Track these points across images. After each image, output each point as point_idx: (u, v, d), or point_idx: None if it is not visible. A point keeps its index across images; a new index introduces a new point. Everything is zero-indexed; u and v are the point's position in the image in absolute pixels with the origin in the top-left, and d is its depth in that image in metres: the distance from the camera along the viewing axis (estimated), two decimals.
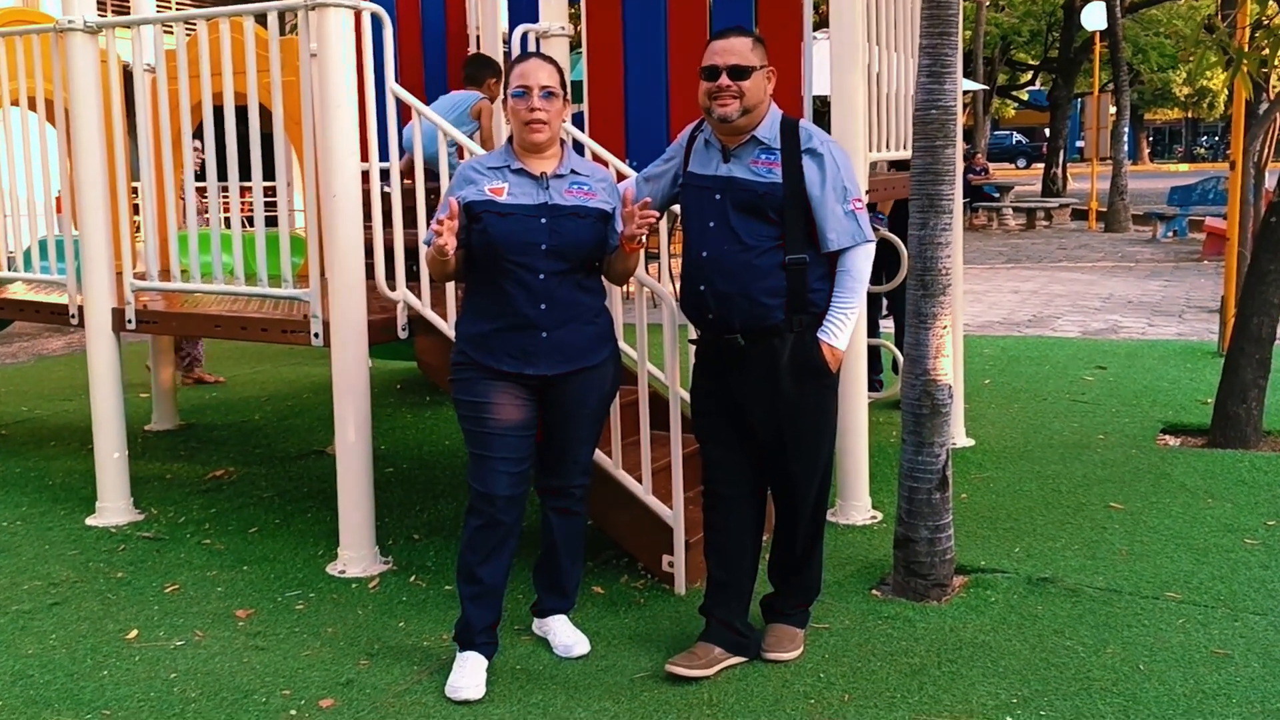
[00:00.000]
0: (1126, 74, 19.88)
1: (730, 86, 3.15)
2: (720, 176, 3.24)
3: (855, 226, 3.22)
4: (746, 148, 3.23)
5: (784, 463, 3.32)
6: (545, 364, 3.22)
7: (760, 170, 3.19)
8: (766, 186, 3.17)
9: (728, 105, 3.16)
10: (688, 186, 3.33)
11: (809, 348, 3.23)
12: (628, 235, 3.16)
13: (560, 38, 5.03)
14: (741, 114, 3.17)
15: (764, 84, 3.21)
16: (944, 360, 3.81)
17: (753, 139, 3.22)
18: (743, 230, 3.18)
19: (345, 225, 3.99)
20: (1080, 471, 5.22)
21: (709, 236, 3.23)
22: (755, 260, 3.17)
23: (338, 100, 3.92)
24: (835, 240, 3.20)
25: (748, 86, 3.16)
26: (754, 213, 3.18)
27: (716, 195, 3.23)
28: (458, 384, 3.28)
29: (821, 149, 3.20)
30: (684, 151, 3.40)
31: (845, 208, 3.20)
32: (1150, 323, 9.55)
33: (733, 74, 3.15)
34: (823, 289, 3.25)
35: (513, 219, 3.17)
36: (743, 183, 3.20)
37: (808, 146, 3.20)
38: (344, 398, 4.09)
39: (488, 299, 3.23)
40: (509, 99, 3.21)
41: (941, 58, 3.69)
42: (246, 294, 4.40)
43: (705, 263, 3.23)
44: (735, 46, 3.18)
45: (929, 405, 3.80)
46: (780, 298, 3.19)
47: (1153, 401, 6.56)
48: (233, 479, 5.47)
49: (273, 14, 4.09)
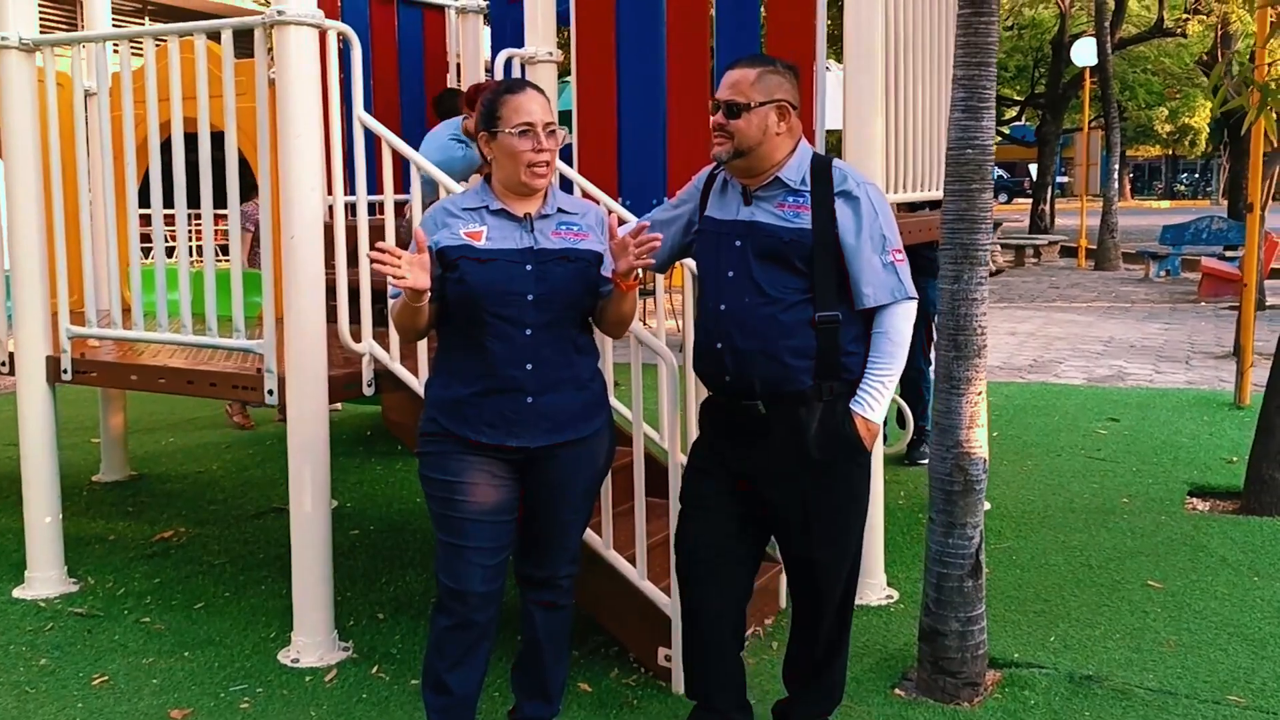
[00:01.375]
0: (1117, 111, 19.68)
1: (724, 125, 2.78)
2: (741, 221, 2.83)
3: (895, 281, 2.80)
4: (770, 190, 2.82)
5: (807, 548, 2.89)
6: (530, 434, 2.77)
7: (786, 215, 2.79)
8: (793, 233, 2.77)
9: (719, 145, 2.80)
10: (704, 232, 2.93)
11: (840, 419, 2.81)
12: (623, 270, 2.72)
13: (548, 63, 4.61)
14: (733, 156, 2.79)
15: (765, 123, 2.78)
16: (978, 431, 3.38)
17: (776, 180, 2.82)
18: (766, 281, 2.77)
19: (305, 269, 3.54)
20: (1109, 542, 4.79)
21: (728, 287, 2.82)
22: (780, 315, 2.76)
23: (298, 129, 3.48)
24: (872, 296, 2.78)
25: (740, 126, 2.77)
26: (779, 261, 2.77)
27: (737, 242, 2.82)
28: (427, 459, 2.83)
29: (858, 192, 2.79)
30: (700, 194, 2.99)
31: (884, 259, 2.79)
32: (1157, 369, 9.17)
33: (728, 111, 2.78)
34: (857, 352, 2.83)
35: (494, 266, 2.73)
36: (766, 228, 2.79)
37: (842, 189, 2.79)
38: (301, 464, 3.62)
39: (464, 358, 2.78)
40: (501, 136, 2.77)
41: (979, 91, 3.28)
42: (192, 344, 3.92)
43: (723, 316, 2.81)
44: (736, 78, 2.80)
45: (962, 481, 3.37)
46: (808, 359, 2.77)
47: (1174, 459, 6.15)
48: (182, 541, 4.97)
49: (227, 32, 3.65)
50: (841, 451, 2.82)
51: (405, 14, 5.85)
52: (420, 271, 2.60)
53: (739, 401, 2.83)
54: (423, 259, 2.62)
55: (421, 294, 2.63)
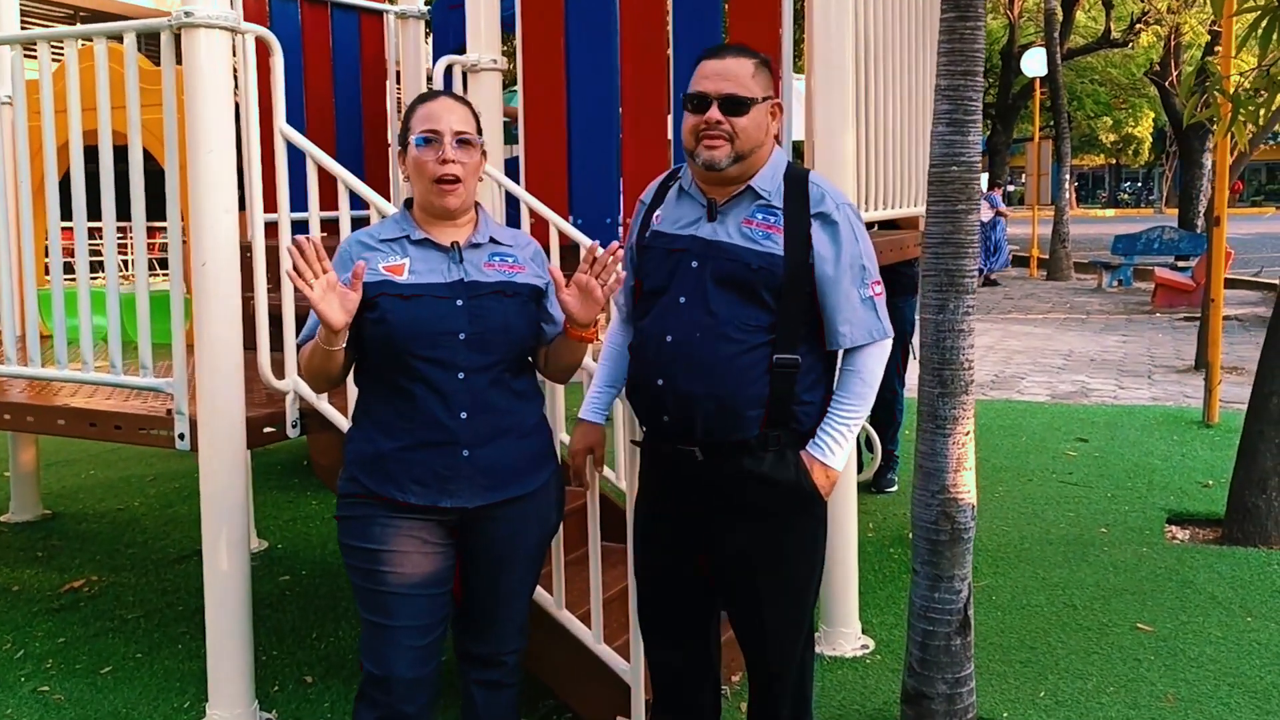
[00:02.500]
0: (1067, 121, 19.69)
1: (723, 123, 2.40)
2: (701, 238, 2.46)
3: (874, 319, 2.49)
4: (739, 202, 2.47)
5: (757, 616, 2.56)
6: (467, 493, 2.42)
7: (755, 235, 2.43)
8: (762, 259, 2.41)
9: (717, 147, 2.41)
10: (652, 249, 2.54)
11: (790, 469, 2.47)
12: (586, 318, 2.39)
13: (491, 72, 4.27)
14: (734, 160, 2.42)
15: (766, 121, 2.46)
16: (966, 474, 3.08)
17: (749, 190, 2.47)
18: (724, 314, 2.41)
19: (218, 299, 3.16)
20: (1091, 578, 4.53)
21: (677, 316, 2.45)
22: (738, 356, 2.41)
23: (209, 144, 3.10)
24: (849, 336, 2.47)
25: (745, 125, 2.41)
26: (742, 291, 2.42)
27: (693, 262, 2.45)
28: (346, 524, 2.47)
29: (837, 215, 2.46)
30: (646, 208, 2.64)
31: (863, 293, 2.47)
32: (1120, 384, 9.00)
33: (727, 106, 2.40)
34: (812, 401, 2.49)
35: (419, 303, 2.38)
36: (731, 250, 2.43)
37: (819, 210, 2.45)
38: (215, 517, 3.23)
39: (387, 407, 2.43)
40: (409, 148, 2.44)
41: (964, 102, 2.98)
42: (90, 381, 3.52)
43: (669, 350, 2.44)
44: (732, 69, 2.42)
45: (949, 530, 3.07)
46: (760, 408, 2.43)
47: (1148, 483, 5.92)
48: (93, 592, 4.55)
49: (130, 35, 3.27)
50: (793, 505, 2.50)
51: (340, 19, 5.46)
52: (335, 300, 2.24)
53: (674, 445, 2.50)
54: (345, 292, 2.26)
55: (337, 333, 2.28)
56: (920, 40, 4.51)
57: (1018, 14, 22.06)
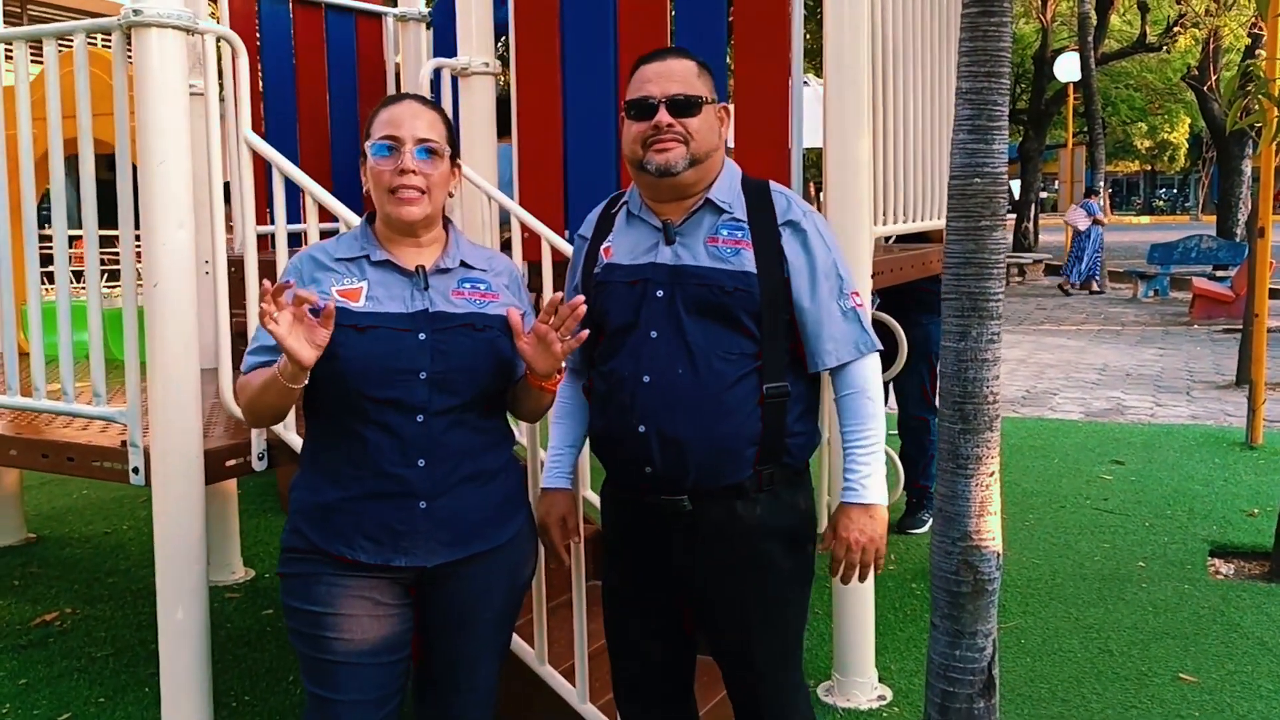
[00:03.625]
0: (1101, 126, 19.25)
1: (674, 125, 2.16)
2: (663, 265, 2.21)
3: (859, 330, 2.27)
4: (699, 220, 2.22)
5: (752, 671, 2.31)
6: (424, 549, 2.15)
7: (723, 253, 2.19)
8: (736, 279, 2.17)
9: (669, 149, 2.17)
10: (609, 284, 2.27)
11: (785, 511, 2.25)
12: (545, 369, 2.12)
13: (484, 75, 4.00)
14: (689, 165, 2.19)
15: (717, 125, 2.24)
16: (990, 519, 2.77)
17: (708, 204, 2.22)
18: (705, 345, 2.16)
19: (173, 323, 2.91)
20: (1129, 619, 4.19)
21: (651, 353, 2.18)
22: (727, 391, 2.16)
23: (160, 152, 2.85)
24: (834, 353, 2.23)
25: (698, 126, 2.18)
26: (720, 317, 2.17)
27: (659, 292, 2.20)
28: (289, 583, 2.20)
29: (805, 223, 2.24)
30: (589, 242, 2.37)
31: (844, 305, 2.25)
32: (1157, 401, 8.62)
33: (675, 108, 2.17)
34: (803, 432, 2.27)
35: (376, 335, 2.11)
36: (699, 274, 2.18)
37: (788, 218, 2.23)
38: (169, 560, 2.98)
39: (336, 453, 2.16)
40: (367, 156, 2.18)
41: (988, 107, 2.68)
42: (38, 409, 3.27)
43: (647, 392, 2.18)
44: (675, 70, 2.20)
45: (971, 581, 2.75)
46: (754, 445, 2.19)
47: (1189, 511, 5.57)
48: (65, 626, 4.31)
49: (79, 36, 3.02)
50: (785, 546, 2.27)
51: (335, 22, 5.23)
52: (302, 334, 1.97)
53: (657, 496, 2.22)
54: (312, 325, 1.98)
55: (304, 370, 2.00)
56: (943, 40, 4.20)
57: (1050, 18, 21.62)
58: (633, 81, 2.24)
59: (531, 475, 2.94)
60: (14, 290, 3.41)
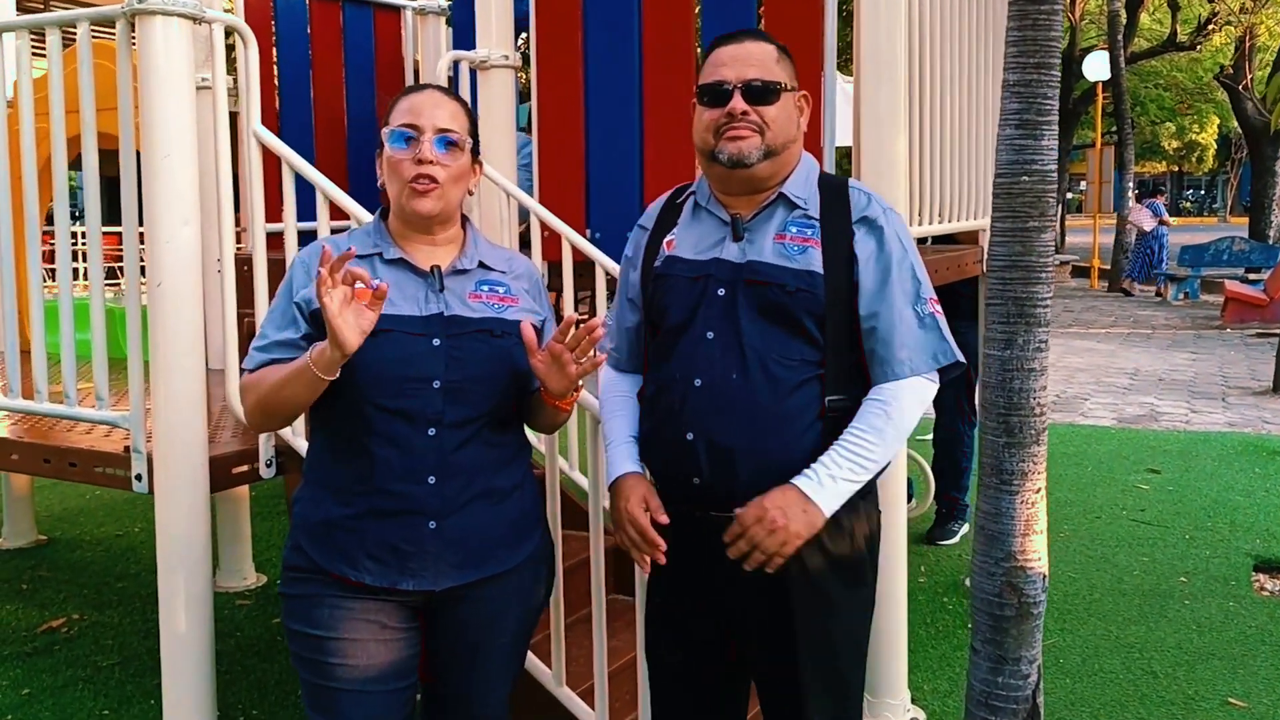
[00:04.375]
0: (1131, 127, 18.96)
1: (749, 113, 2.01)
2: (727, 261, 2.06)
3: (938, 339, 2.07)
4: (770, 214, 2.07)
5: (797, 706, 2.12)
6: (432, 572, 2.01)
7: (789, 251, 2.03)
8: (800, 279, 2.00)
9: (744, 138, 2.02)
10: (670, 278, 2.12)
11: (846, 537, 2.08)
12: (560, 389, 1.97)
13: (503, 69, 3.87)
14: (763, 156, 2.03)
15: (795, 115, 2.09)
16: (1036, 539, 2.61)
17: (781, 199, 2.07)
18: (763, 349, 2.00)
19: (177, 324, 2.78)
20: (1172, 638, 4.02)
21: (706, 355, 2.03)
22: (784, 400, 2.00)
23: (165, 146, 2.72)
24: (908, 363, 2.03)
25: (775, 115, 2.03)
26: (782, 320, 2.01)
27: (720, 290, 2.04)
28: (290, 605, 2.07)
29: (883, 220, 2.06)
30: (649, 233, 2.22)
31: (920, 311, 2.05)
32: (1192, 407, 8.40)
33: (751, 94, 2.02)
34: None
35: (387, 340, 1.97)
36: (764, 270, 2.02)
37: (863, 215, 2.05)
38: (171, 570, 2.86)
39: (341, 467, 2.03)
40: (385, 147, 2.04)
41: (1037, 100, 2.52)
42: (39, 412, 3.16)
43: (698, 396, 2.03)
44: (754, 54, 2.04)
45: (1015, 604, 2.60)
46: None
47: (1230, 524, 5.38)
48: (72, 633, 4.20)
49: (83, 25, 2.90)
50: (843, 577, 2.09)
51: (352, 14, 5.10)
52: (351, 317, 1.82)
53: (705, 511, 2.06)
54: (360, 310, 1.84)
55: (344, 358, 1.85)
56: (983, 33, 4.04)
57: (1079, 16, 21.33)
58: (706, 65, 2.09)
59: (550, 488, 2.80)
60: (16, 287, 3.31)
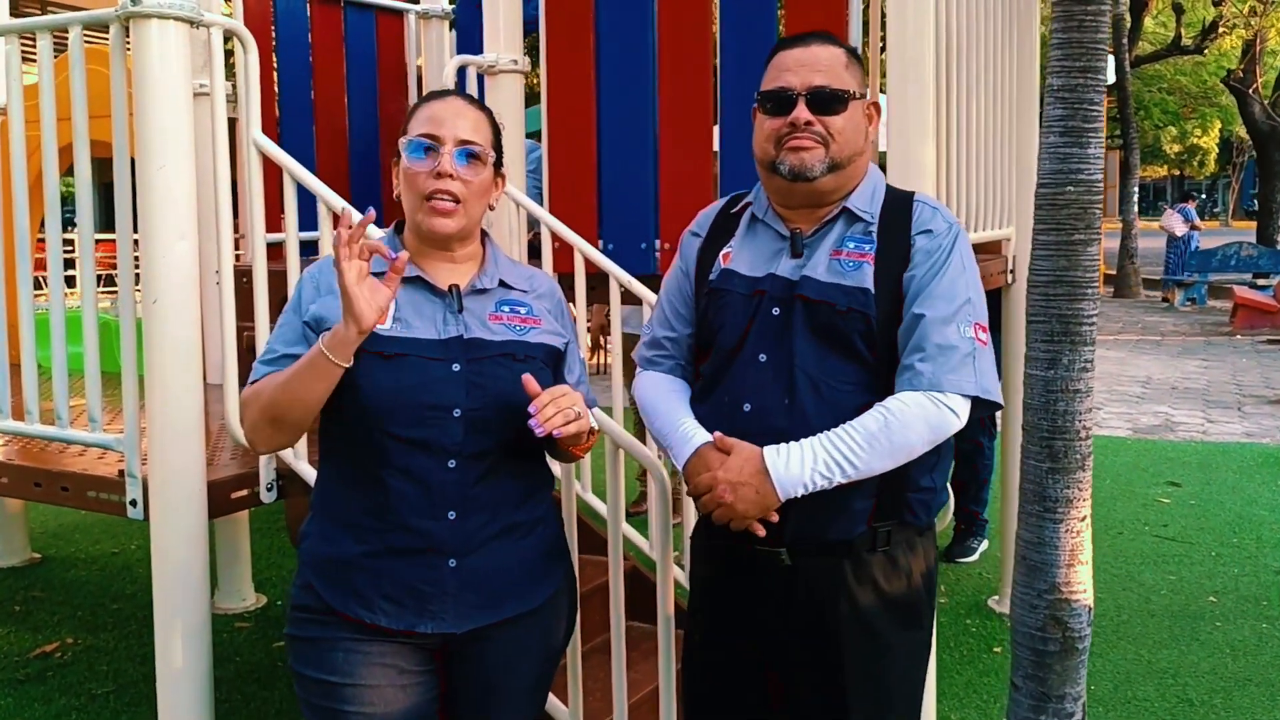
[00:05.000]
0: (1135, 131, 18.83)
1: (814, 123, 1.88)
2: (783, 278, 1.93)
3: (971, 369, 1.86)
4: (829, 229, 1.94)
5: None
6: (453, 613, 1.87)
7: (845, 267, 1.89)
8: (851, 295, 1.87)
9: (808, 149, 1.89)
10: (725, 293, 1.99)
11: (903, 578, 1.95)
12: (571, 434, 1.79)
13: (511, 74, 3.73)
14: (828, 170, 1.90)
15: (863, 125, 1.95)
16: (1081, 569, 2.47)
17: (845, 213, 1.94)
18: (817, 372, 1.87)
19: (173, 342, 2.64)
20: (1205, 662, 3.88)
21: (756, 378, 1.91)
22: (838, 425, 1.86)
23: (160, 156, 2.58)
24: (928, 378, 1.83)
25: (842, 125, 1.90)
26: (834, 342, 1.88)
27: (775, 309, 1.91)
28: (298, 647, 1.93)
29: (945, 235, 1.92)
30: (703, 241, 2.09)
31: (962, 330, 1.86)
32: (1208, 417, 8.26)
33: (816, 102, 1.89)
34: (931, 488, 1.96)
35: (403, 365, 1.83)
36: (818, 287, 1.89)
37: (925, 228, 1.91)
38: (168, 601, 2.72)
39: (354, 501, 1.88)
40: (402, 157, 1.91)
41: (1084, 107, 2.38)
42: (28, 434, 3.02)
43: (747, 422, 1.90)
44: (821, 58, 1.91)
45: (1059, 639, 2.46)
46: (869, 497, 1.89)
47: (1257, 540, 5.24)
48: (65, 658, 4.06)
49: (75, 29, 2.76)
50: (898, 619, 1.95)
51: (354, 18, 4.97)
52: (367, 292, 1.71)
53: (752, 545, 1.93)
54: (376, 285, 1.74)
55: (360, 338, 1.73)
56: (1008, 37, 3.90)
57: None
58: (769, 69, 1.96)
59: (567, 513, 2.66)
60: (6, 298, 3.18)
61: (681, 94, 3.55)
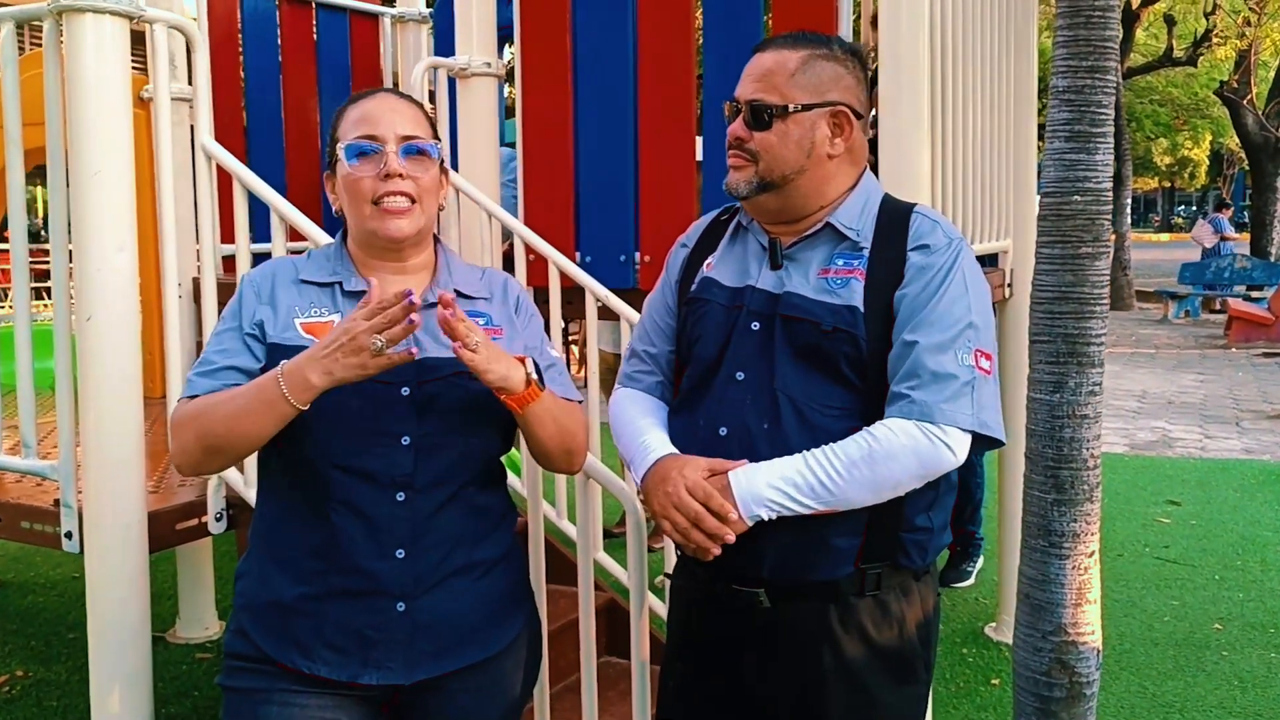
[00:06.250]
0: (1128, 142, 18.75)
1: (746, 139, 1.74)
2: (763, 291, 1.76)
3: (970, 401, 1.66)
4: (815, 244, 1.76)
5: None
6: (401, 662, 1.69)
7: (832, 285, 1.71)
8: (837, 314, 1.69)
9: (736, 169, 1.76)
10: (703, 303, 1.82)
11: (894, 625, 1.75)
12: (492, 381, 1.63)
13: (485, 77, 3.55)
14: (758, 188, 1.74)
15: (810, 139, 1.74)
16: (1089, 609, 2.29)
17: (828, 229, 1.76)
18: (801, 393, 1.70)
19: (109, 364, 2.45)
20: (1213, 695, 3.69)
21: (734, 398, 1.74)
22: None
23: (95, 161, 2.40)
24: (919, 406, 1.64)
25: (771, 142, 1.73)
26: (820, 363, 1.70)
27: (754, 324, 1.75)
28: (232, 700, 1.74)
29: (944, 249, 1.72)
30: (690, 252, 1.93)
31: (961, 358, 1.66)
32: (1205, 432, 8.10)
33: (749, 117, 1.74)
34: (927, 528, 1.76)
35: (348, 388, 1.64)
36: (802, 304, 1.71)
37: (922, 243, 1.72)
38: (104, 643, 2.53)
39: (293, 538, 1.70)
40: (339, 162, 1.72)
41: (1092, 110, 2.21)
42: None
43: (721, 448, 1.72)
44: (763, 66, 1.76)
45: (1065, 684, 2.27)
46: (856, 534, 1.70)
47: (1261, 562, 5.06)
48: (13, 693, 3.84)
49: (7, 24, 2.57)
50: (889, 670, 1.76)
51: (327, 21, 4.79)
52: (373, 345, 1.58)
53: (729, 585, 1.75)
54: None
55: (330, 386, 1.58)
56: (1003, 42, 3.73)
57: None
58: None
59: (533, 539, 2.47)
60: None
61: (662, 100, 3.37)
